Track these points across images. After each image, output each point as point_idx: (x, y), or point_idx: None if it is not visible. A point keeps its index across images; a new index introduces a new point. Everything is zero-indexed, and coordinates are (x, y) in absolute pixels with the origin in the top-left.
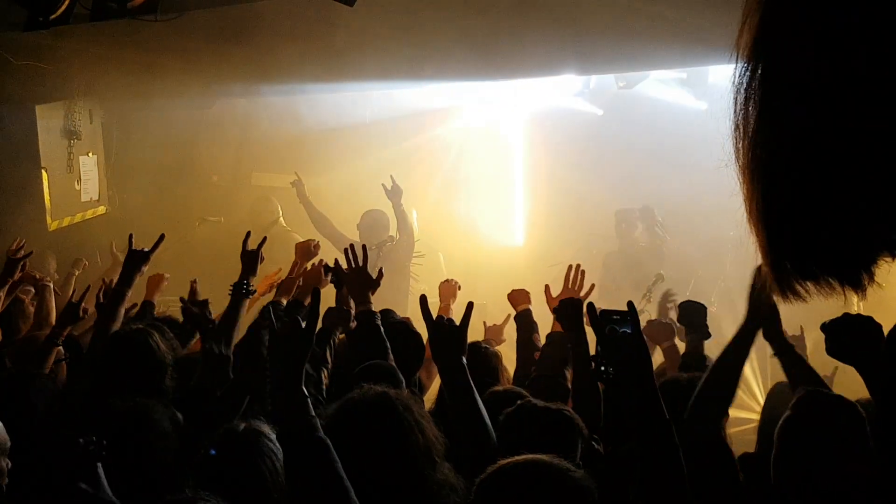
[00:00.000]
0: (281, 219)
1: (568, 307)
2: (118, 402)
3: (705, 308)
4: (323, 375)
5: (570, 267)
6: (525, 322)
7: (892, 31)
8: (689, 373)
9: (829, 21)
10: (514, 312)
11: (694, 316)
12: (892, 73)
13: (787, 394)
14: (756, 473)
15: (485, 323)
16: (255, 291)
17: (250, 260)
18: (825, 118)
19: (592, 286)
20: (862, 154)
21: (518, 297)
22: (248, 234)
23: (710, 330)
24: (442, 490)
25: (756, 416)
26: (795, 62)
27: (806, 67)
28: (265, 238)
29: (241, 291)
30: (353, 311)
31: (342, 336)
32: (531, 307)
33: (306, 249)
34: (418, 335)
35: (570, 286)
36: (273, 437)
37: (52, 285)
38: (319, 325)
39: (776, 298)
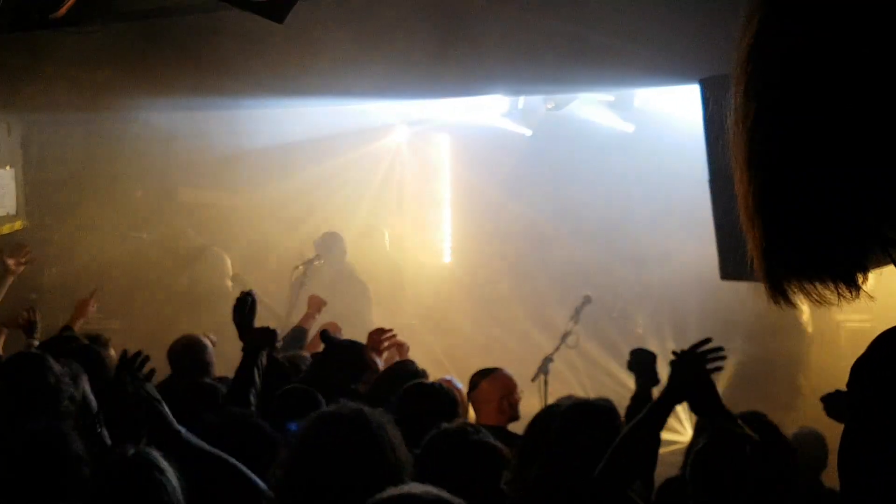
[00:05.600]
0: (229, 280)
1: None
2: (31, 425)
3: (654, 356)
4: (251, 397)
5: None
6: None
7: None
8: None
9: (833, 17)
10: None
11: (643, 364)
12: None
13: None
14: (677, 499)
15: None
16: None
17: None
18: (826, 112)
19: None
20: (860, 147)
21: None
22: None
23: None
24: None
25: (681, 438)
26: (797, 59)
27: (807, 64)
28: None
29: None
30: (278, 330)
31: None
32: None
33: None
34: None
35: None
36: (164, 465)
37: None
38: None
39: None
